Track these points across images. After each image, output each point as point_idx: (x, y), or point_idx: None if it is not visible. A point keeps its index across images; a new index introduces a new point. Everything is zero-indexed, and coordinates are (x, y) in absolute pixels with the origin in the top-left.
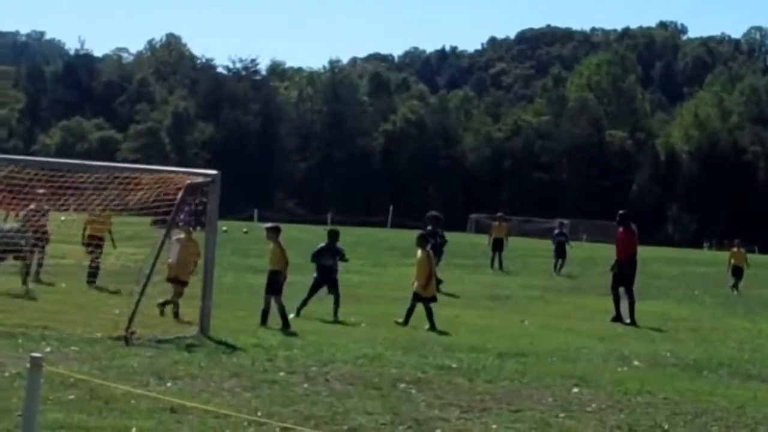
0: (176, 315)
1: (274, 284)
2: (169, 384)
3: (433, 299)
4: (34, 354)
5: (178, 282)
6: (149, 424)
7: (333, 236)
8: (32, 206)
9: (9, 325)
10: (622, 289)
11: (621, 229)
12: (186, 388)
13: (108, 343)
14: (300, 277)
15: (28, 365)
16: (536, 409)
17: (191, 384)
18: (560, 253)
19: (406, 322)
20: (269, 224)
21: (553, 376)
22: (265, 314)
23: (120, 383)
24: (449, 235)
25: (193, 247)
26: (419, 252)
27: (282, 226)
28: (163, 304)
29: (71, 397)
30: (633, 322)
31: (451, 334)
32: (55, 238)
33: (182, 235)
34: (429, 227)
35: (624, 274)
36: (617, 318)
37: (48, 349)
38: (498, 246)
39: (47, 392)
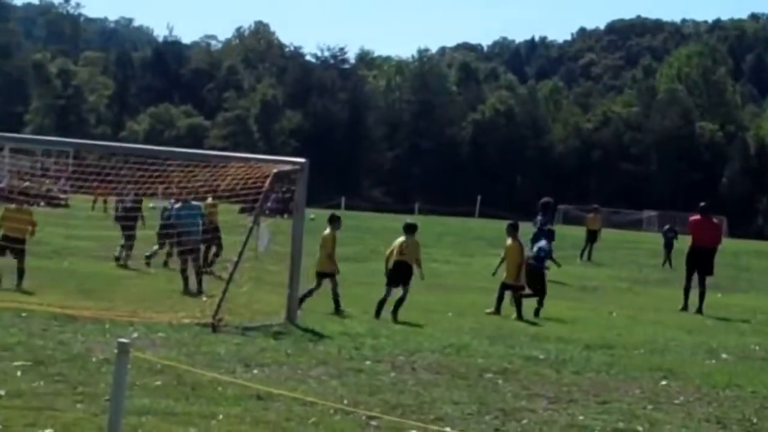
0: (302, 302)
1: (404, 276)
2: (255, 371)
3: (522, 289)
4: (122, 340)
5: (325, 275)
6: (236, 411)
7: (551, 235)
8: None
9: (97, 310)
10: (695, 278)
11: (700, 217)
12: (272, 376)
13: (195, 329)
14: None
15: (115, 351)
16: (623, 401)
17: (278, 371)
18: (669, 248)
19: (497, 311)
20: (409, 221)
21: (641, 368)
22: (399, 303)
23: (207, 370)
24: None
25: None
26: (509, 241)
27: (368, 215)
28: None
29: (158, 383)
30: (698, 310)
31: (538, 324)
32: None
33: (327, 231)
34: (539, 216)
35: (701, 263)
36: (685, 307)
37: (135, 335)
38: (592, 238)
39: (134, 378)
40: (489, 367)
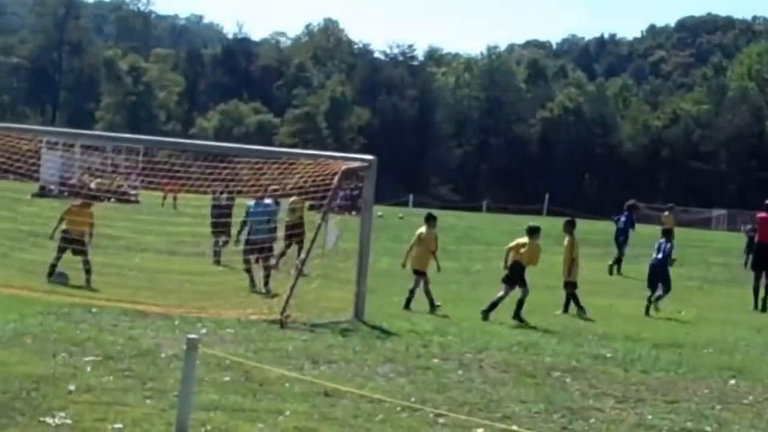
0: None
1: (514, 276)
2: (323, 368)
3: (575, 285)
4: (191, 336)
5: (418, 273)
6: (303, 408)
7: (668, 234)
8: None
9: (167, 306)
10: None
11: (765, 214)
12: (340, 373)
13: (263, 326)
14: (452, 263)
15: (184, 347)
16: (692, 401)
17: (345, 368)
18: (752, 248)
19: (565, 310)
20: (532, 224)
21: (710, 367)
22: (519, 304)
23: (274, 366)
24: (603, 224)
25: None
26: (566, 238)
27: (436, 212)
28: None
29: (226, 379)
30: (764, 308)
31: (606, 323)
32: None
33: (425, 230)
34: (623, 217)
35: (764, 259)
36: (756, 306)
37: (204, 331)
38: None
39: (203, 374)
40: (557, 366)
